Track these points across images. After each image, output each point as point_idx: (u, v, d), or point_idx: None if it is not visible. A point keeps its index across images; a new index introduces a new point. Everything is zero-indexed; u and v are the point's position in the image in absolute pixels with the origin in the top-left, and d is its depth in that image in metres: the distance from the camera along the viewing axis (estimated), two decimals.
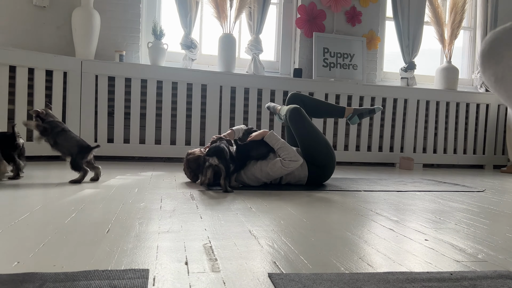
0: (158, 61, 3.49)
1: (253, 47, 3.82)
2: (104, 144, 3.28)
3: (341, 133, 3.89)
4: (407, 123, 4.09)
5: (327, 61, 4.02)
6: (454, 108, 4.24)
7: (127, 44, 3.61)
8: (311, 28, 4.03)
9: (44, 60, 3.05)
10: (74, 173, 2.20)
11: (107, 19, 3.52)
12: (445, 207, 1.92)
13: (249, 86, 3.62)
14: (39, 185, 2.05)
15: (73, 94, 3.17)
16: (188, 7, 3.63)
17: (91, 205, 1.61)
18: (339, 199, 2.02)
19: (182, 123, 3.46)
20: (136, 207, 1.61)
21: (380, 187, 2.50)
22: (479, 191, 2.52)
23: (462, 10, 4.30)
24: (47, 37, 3.38)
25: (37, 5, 3.30)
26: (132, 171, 2.76)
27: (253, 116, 3.64)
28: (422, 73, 4.52)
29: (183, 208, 1.64)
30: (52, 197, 1.75)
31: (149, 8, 3.74)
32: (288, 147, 2.25)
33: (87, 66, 3.20)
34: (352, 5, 4.16)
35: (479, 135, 4.35)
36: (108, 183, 2.18)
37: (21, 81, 2.97)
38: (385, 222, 1.54)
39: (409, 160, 3.92)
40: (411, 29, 4.28)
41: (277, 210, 1.67)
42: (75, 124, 3.18)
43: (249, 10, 3.81)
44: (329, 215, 1.63)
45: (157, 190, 2.03)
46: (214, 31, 3.90)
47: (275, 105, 2.74)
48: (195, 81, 3.48)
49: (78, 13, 3.29)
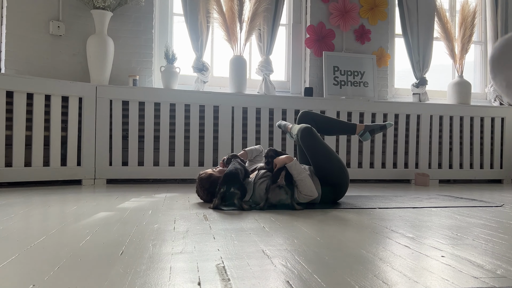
0: (170, 85, 3.56)
1: (263, 68, 3.86)
2: (119, 168, 3.32)
3: (354, 151, 3.87)
4: (421, 139, 4.05)
5: (338, 79, 4.04)
6: (468, 122, 4.19)
7: (140, 69, 3.70)
8: (320, 48, 4.07)
9: (60, 87, 3.13)
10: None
11: (121, 45, 3.62)
12: (462, 223, 1.89)
13: (260, 106, 3.65)
14: (55, 209, 2.08)
15: (88, 118, 3.23)
16: (199, 31, 3.71)
17: (106, 228, 1.62)
18: (353, 217, 2.00)
19: (195, 145, 3.50)
20: (150, 229, 1.62)
21: (395, 204, 2.47)
22: (497, 206, 2.47)
23: (471, 24, 4.30)
24: (63, 64, 3.48)
25: (53, 34, 3.41)
26: (146, 193, 2.79)
27: (265, 136, 3.65)
28: (434, 89, 4.50)
29: (197, 229, 1.64)
30: (68, 220, 1.77)
31: (161, 34, 3.83)
32: (308, 181, 2.21)
33: (101, 91, 3.28)
34: (361, 24, 4.20)
35: (495, 149, 4.28)
36: (122, 206, 2.20)
37: (38, 107, 3.05)
38: (401, 239, 1.52)
39: (424, 176, 3.86)
40: (421, 45, 4.29)
41: (290, 229, 1.66)
42: (90, 148, 3.23)
43: (259, 32, 3.88)
44: (343, 233, 1.62)
45: (171, 212, 2.04)
46: (225, 53, 3.97)
47: (286, 123, 2.75)
48: (207, 102, 3.53)
49: (92, 40, 3.39)
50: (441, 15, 4.28)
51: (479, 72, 4.77)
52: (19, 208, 2.08)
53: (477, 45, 4.75)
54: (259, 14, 3.71)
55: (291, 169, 2.19)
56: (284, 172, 2.16)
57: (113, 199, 2.44)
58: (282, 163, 2.19)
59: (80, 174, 3.21)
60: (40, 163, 3.06)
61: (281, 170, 2.17)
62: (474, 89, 4.56)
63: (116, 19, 3.57)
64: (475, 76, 4.76)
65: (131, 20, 3.67)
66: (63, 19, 3.46)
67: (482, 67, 4.75)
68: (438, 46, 4.45)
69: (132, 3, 3.55)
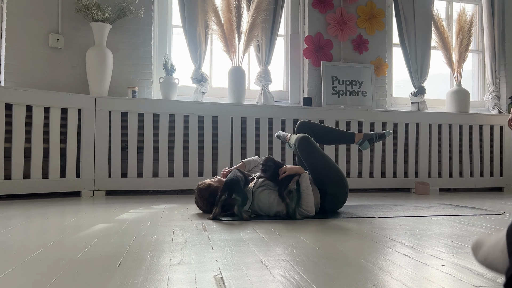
0: (169, 96, 3.57)
1: (262, 78, 3.88)
2: (118, 179, 3.32)
3: (353, 160, 3.86)
4: (420, 148, 4.05)
5: (336, 89, 4.06)
6: (467, 130, 4.20)
7: (139, 80, 3.71)
8: (318, 58, 4.09)
9: (59, 99, 3.14)
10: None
11: (120, 57, 3.64)
12: (462, 231, 1.88)
13: (259, 116, 3.66)
14: (53, 221, 2.07)
15: (87, 130, 3.24)
16: (197, 43, 3.74)
17: (104, 239, 1.61)
18: (353, 226, 1.99)
19: (194, 155, 3.50)
20: (148, 240, 1.61)
21: (395, 213, 2.46)
22: (498, 214, 2.46)
23: (468, 33, 4.32)
24: (62, 76, 3.50)
25: (53, 46, 3.44)
26: (145, 204, 2.78)
27: (264, 146, 3.65)
28: (432, 97, 4.51)
29: (195, 239, 1.63)
30: (66, 232, 1.76)
31: (160, 45, 3.86)
32: (311, 198, 2.22)
33: (100, 103, 3.29)
34: (359, 34, 4.22)
35: (495, 157, 4.28)
36: (121, 217, 2.19)
37: (37, 119, 3.06)
38: (400, 248, 1.51)
39: (424, 184, 3.85)
40: (419, 54, 4.32)
41: (289, 239, 1.65)
42: (89, 159, 3.23)
43: (257, 43, 3.90)
44: (342, 242, 1.61)
45: (170, 223, 2.03)
46: (223, 64, 3.99)
47: (284, 133, 2.75)
48: (206, 113, 3.53)
49: (92, 52, 3.41)
50: (438, 25, 4.31)
51: (477, 81, 4.79)
52: (17, 220, 2.07)
53: (475, 53, 4.78)
54: (257, 25, 3.74)
55: (303, 179, 2.19)
56: (298, 178, 2.16)
57: (112, 211, 2.43)
58: (295, 172, 2.20)
59: (79, 186, 3.20)
60: (39, 175, 3.06)
61: (292, 176, 2.17)
62: (472, 97, 4.58)
63: (115, 32, 3.60)
64: (473, 85, 4.78)
65: (130, 32, 3.70)
66: (63, 31, 3.49)
67: (480, 75, 4.77)
68: (436, 55, 4.47)
69: (131, 16, 3.57)
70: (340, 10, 4.16)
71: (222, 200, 2.13)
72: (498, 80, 4.62)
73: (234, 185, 2.13)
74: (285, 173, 2.19)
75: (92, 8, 3.35)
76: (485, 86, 4.73)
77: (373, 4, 4.26)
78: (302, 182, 2.19)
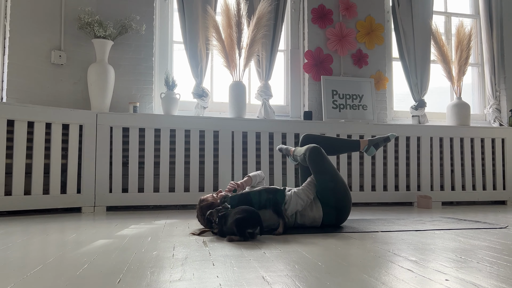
0: (171, 111, 3.58)
1: (262, 92, 3.90)
2: (119, 195, 3.31)
3: (355, 173, 3.85)
4: (422, 161, 4.04)
5: (337, 103, 4.07)
6: (469, 143, 4.19)
7: (140, 95, 3.73)
8: (318, 72, 4.11)
9: (60, 115, 3.15)
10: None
11: (121, 73, 3.67)
12: (466, 245, 1.86)
13: (260, 130, 3.66)
14: (53, 237, 2.06)
15: (88, 146, 3.24)
16: (198, 58, 3.77)
17: (104, 256, 1.60)
18: (355, 241, 1.97)
19: (195, 170, 3.49)
20: (148, 256, 1.59)
21: (398, 227, 2.44)
22: (502, 228, 2.43)
23: (467, 47, 4.35)
24: (64, 92, 3.52)
25: (55, 63, 3.46)
26: (146, 220, 2.76)
27: (265, 160, 3.65)
28: (433, 111, 4.52)
29: (196, 255, 1.61)
30: (66, 249, 1.75)
31: (161, 61, 3.89)
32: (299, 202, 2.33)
33: (102, 118, 3.30)
34: (358, 48, 4.26)
35: (497, 170, 4.26)
36: (122, 233, 2.18)
37: (38, 135, 3.06)
38: (403, 263, 1.49)
39: (427, 198, 3.83)
40: (418, 68, 4.34)
41: (291, 254, 1.63)
42: (90, 175, 3.23)
43: (258, 58, 3.93)
44: (345, 257, 1.59)
45: (170, 238, 2.01)
46: (224, 79, 4.01)
47: (287, 147, 2.75)
48: (207, 128, 3.54)
49: (93, 68, 3.44)
50: (437, 39, 4.34)
51: (477, 94, 4.80)
52: (17, 237, 2.05)
53: (474, 67, 4.81)
54: (258, 40, 3.77)
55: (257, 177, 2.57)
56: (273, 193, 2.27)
57: (113, 227, 2.41)
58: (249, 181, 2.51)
59: (80, 201, 3.19)
60: (40, 191, 3.05)
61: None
62: (473, 110, 4.58)
63: (116, 48, 3.63)
64: (473, 98, 4.79)
65: (132, 48, 3.73)
66: (65, 48, 3.52)
67: (480, 88, 4.78)
68: (436, 69, 4.50)
69: (133, 32, 3.61)
70: (340, 25, 4.20)
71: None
72: (498, 93, 4.64)
73: (243, 225, 1.95)
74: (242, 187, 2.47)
75: (94, 25, 3.39)
76: (485, 99, 4.74)
77: (372, 19, 4.30)
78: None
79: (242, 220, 1.94)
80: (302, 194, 2.32)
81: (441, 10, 4.73)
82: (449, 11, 4.76)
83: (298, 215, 2.32)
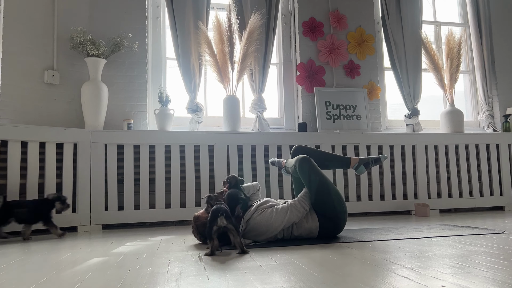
0: (165, 126, 3.59)
1: (256, 106, 3.91)
2: (115, 212, 3.28)
3: (352, 184, 3.84)
4: (418, 169, 4.04)
5: (330, 114, 4.08)
6: (464, 150, 4.20)
7: (135, 112, 3.74)
8: (311, 84, 4.14)
9: (54, 134, 3.14)
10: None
11: (115, 90, 3.68)
12: (463, 251, 1.85)
13: (255, 143, 3.66)
14: (48, 257, 2.04)
15: (83, 164, 3.23)
16: (191, 74, 3.79)
17: (98, 273, 1.58)
18: (351, 250, 1.96)
19: (191, 185, 3.48)
20: (142, 273, 1.57)
21: (395, 235, 2.43)
22: (499, 233, 2.43)
23: (458, 55, 4.39)
24: (58, 111, 3.52)
25: (48, 82, 3.47)
26: (142, 237, 2.74)
27: (261, 172, 3.64)
28: (427, 119, 4.54)
29: (191, 270, 1.60)
30: (60, 268, 1.72)
31: (154, 77, 3.91)
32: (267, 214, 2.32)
33: (96, 136, 3.29)
34: (350, 59, 4.29)
35: (493, 176, 4.26)
36: (117, 250, 2.16)
37: (32, 155, 3.05)
38: (400, 271, 1.48)
39: (424, 206, 3.82)
40: (411, 77, 4.38)
41: (287, 266, 1.62)
42: (85, 193, 3.21)
43: (251, 72, 3.96)
44: (341, 267, 1.58)
45: (166, 254, 2.00)
46: (218, 93, 4.03)
47: (279, 159, 2.75)
48: (202, 142, 3.54)
49: (87, 87, 3.45)
50: (428, 47, 4.39)
51: (470, 101, 4.83)
52: (11, 258, 2.03)
53: (466, 74, 4.85)
54: (250, 55, 3.80)
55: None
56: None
57: (108, 244, 2.39)
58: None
59: (75, 221, 3.17)
60: None
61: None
62: (466, 117, 4.61)
63: (110, 66, 3.65)
64: (466, 105, 4.82)
65: (125, 66, 3.75)
66: (58, 68, 3.54)
67: (473, 95, 4.82)
68: (428, 77, 4.53)
69: (125, 50, 3.63)
70: (331, 37, 4.24)
71: (214, 231, 1.96)
72: (491, 99, 4.67)
73: (223, 211, 2.00)
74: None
75: (86, 44, 3.41)
76: (478, 105, 4.77)
77: (362, 30, 4.35)
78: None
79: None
80: (298, 205, 2.31)
81: (431, 19, 4.79)
82: (438, 20, 4.82)
83: (294, 227, 2.31)
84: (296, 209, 2.29)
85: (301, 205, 2.32)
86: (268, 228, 2.23)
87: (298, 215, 2.29)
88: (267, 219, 2.24)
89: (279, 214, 2.26)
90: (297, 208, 2.30)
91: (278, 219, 2.25)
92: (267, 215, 2.25)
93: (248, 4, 4.02)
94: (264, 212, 2.27)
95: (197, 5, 3.87)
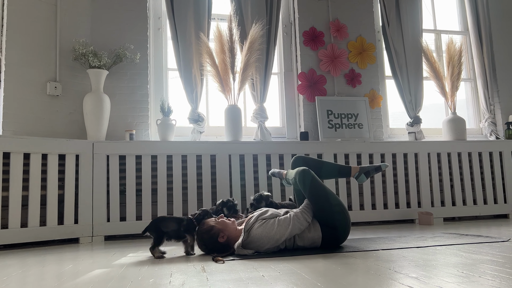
0: (167, 137, 3.59)
1: (258, 115, 3.92)
2: (117, 223, 3.27)
3: (355, 193, 3.83)
4: (420, 177, 4.02)
5: (332, 123, 4.09)
6: (467, 158, 4.18)
7: (137, 123, 3.75)
8: (313, 93, 4.15)
9: (56, 145, 3.15)
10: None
11: (117, 101, 3.69)
12: (468, 260, 1.83)
13: (257, 152, 3.66)
14: (50, 269, 2.03)
15: (85, 175, 3.23)
16: (193, 84, 3.81)
17: (100, 285, 1.57)
18: (355, 260, 1.94)
19: (193, 195, 3.47)
20: (144, 284, 1.56)
21: (399, 244, 2.41)
22: (504, 241, 2.40)
23: (459, 63, 4.40)
24: (60, 123, 3.53)
25: (50, 94, 3.49)
26: (144, 248, 2.72)
27: (263, 182, 3.63)
28: (429, 127, 4.53)
29: (193, 281, 1.59)
30: (61, 280, 1.71)
31: (156, 88, 3.93)
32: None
33: (98, 147, 3.30)
34: (351, 68, 4.31)
35: (497, 183, 4.23)
36: (119, 262, 2.15)
37: (34, 167, 3.06)
38: (404, 280, 1.46)
39: (428, 215, 3.79)
40: (412, 85, 4.38)
41: (290, 276, 1.60)
42: (87, 204, 3.20)
43: (252, 82, 3.97)
44: (344, 277, 1.56)
45: (168, 265, 1.98)
46: (219, 103, 4.04)
47: (279, 170, 2.74)
48: (204, 152, 3.54)
49: (89, 98, 3.46)
50: (428, 56, 4.40)
51: (472, 108, 4.83)
52: (13, 269, 2.02)
53: (467, 82, 4.85)
54: (251, 64, 3.82)
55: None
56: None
57: (110, 256, 2.38)
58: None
59: (77, 232, 3.16)
60: (37, 223, 3.02)
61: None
62: (468, 124, 4.60)
63: (112, 77, 3.67)
64: (468, 112, 4.82)
65: (127, 77, 3.77)
66: (60, 79, 3.56)
67: (475, 103, 4.82)
68: (429, 85, 4.54)
69: (127, 61, 3.66)
70: (331, 46, 4.26)
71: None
72: (493, 106, 4.67)
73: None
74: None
75: (88, 56, 3.43)
76: (480, 113, 4.76)
77: (363, 39, 4.37)
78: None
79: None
80: (301, 217, 2.29)
81: (431, 28, 4.81)
82: (439, 28, 4.84)
83: (297, 237, 2.29)
84: (298, 221, 2.26)
85: (304, 217, 2.29)
86: (270, 240, 2.21)
87: (300, 227, 2.27)
88: (268, 231, 2.21)
89: (281, 226, 2.23)
90: (299, 220, 2.27)
91: (280, 231, 2.22)
92: (269, 227, 2.22)
93: (249, 15, 4.05)
94: (266, 223, 2.24)
95: (198, 16, 3.90)
